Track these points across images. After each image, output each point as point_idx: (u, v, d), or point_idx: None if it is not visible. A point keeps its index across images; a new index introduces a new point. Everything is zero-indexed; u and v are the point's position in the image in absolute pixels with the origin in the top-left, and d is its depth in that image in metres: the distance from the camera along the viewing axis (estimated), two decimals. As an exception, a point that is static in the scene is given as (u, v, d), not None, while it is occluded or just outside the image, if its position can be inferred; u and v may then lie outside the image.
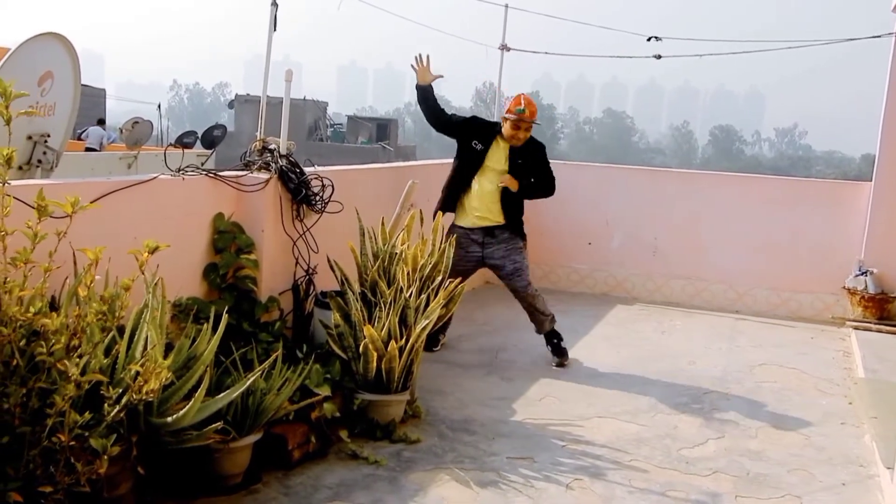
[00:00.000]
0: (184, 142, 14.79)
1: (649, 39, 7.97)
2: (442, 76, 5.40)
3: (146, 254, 2.75)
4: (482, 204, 5.25)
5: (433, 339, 5.44)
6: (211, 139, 13.91)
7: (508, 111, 5.19)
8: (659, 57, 7.91)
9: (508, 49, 7.95)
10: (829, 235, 7.11)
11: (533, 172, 5.33)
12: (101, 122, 14.94)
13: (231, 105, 45.34)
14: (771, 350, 6.07)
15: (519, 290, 5.28)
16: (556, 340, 5.39)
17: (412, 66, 5.32)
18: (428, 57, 5.31)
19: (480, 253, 5.30)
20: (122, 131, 13.46)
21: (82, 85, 5.70)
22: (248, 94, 42.77)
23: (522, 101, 5.17)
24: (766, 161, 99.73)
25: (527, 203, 5.40)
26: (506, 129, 5.21)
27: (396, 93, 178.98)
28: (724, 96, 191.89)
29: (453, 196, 5.32)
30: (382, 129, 44.80)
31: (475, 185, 5.26)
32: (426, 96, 5.34)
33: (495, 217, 5.26)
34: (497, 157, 5.25)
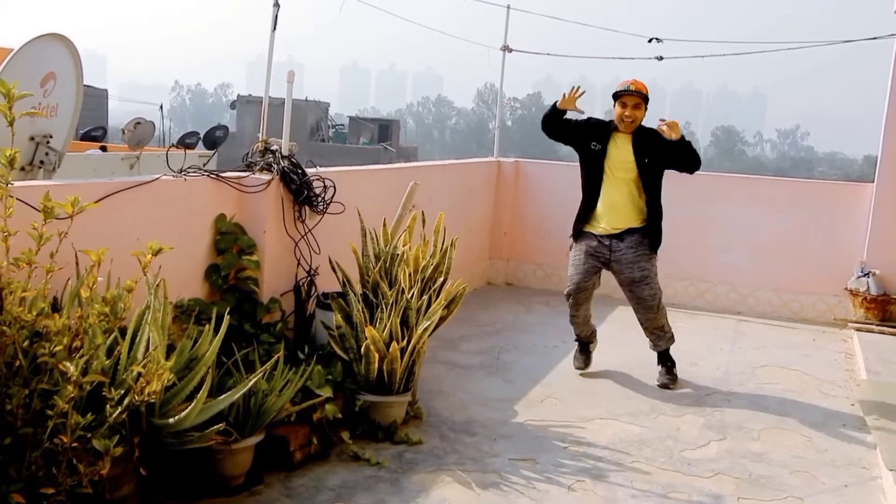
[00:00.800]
0: (186, 142, 14.74)
1: (650, 41, 8.00)
2: (583, 111, 5.10)
3: (150, 255, 2.75)
4: (612, 209, 4.95)
5: (586, 356, 5.31)
6: (213, 140, 13.87)
7: (615, 93, 4.98)
8: (660, 58, 7.93)
9: (510, 50, 7.96)
10: (831, 237, 7.11)
11: (665, 162, 4.96)
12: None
13: (233, 106, 45.39)
14: (773, 351, 6.06)
15: (645, 300, 4.93)
16: (669, 364, 5.12)
17: (564, 93, 5.02)
18: (584, 93, 5.04)
19: (608, 255, 4.97)
20: (124, 132, 13.45)
21: (85, 86, 5.71)
22: (249, 95, 42.80)
23: (628, 81, 4.93)
24: (768, 162, 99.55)
25: (529, 204, 5.33)
26: (615, 113, 4.96)
27: (398, 94, 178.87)
28: (726, 97, 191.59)
29: (586, 211, 5.04)
30: (384, 129, 44.76)
31: (602, 190, 4.97)
32: (557, 118, 5.02)
33: (626, 221, 4.93)
34: (618, 153, 4.95)
